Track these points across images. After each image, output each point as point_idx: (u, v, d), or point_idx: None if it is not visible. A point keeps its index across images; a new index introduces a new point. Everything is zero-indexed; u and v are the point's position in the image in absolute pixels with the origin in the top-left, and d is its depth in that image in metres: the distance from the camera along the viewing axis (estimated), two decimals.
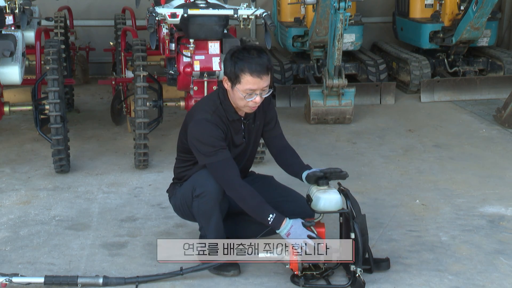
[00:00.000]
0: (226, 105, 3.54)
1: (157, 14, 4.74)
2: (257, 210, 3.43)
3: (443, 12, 7.90)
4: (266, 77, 3.41)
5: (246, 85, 3.39)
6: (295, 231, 3.37)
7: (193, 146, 3.51)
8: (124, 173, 5.29)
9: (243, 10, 4.85)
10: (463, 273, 3.64)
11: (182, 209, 3.72)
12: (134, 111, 5.26)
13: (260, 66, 3.37)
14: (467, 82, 7.64)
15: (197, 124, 3.48)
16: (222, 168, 3.44)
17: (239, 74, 3.39)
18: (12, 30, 5.68)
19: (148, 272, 3.63)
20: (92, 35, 8.67)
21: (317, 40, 7.28)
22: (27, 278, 3.50)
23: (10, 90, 6.15)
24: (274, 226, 3.40)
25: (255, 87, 3.40)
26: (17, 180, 5.13)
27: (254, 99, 3.43)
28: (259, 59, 3.38)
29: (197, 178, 3.54)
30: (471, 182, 5.06)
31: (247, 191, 3.44)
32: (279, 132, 3.77)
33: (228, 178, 3.45)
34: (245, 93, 3.41)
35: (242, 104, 3.47)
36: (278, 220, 3.39)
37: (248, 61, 3.38)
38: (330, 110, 6.63)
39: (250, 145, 3.71)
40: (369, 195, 4.76)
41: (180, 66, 5.01)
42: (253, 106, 3.48)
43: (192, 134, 3.51)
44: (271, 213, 3.39)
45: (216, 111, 3.51)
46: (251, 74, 3.37)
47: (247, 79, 3.38)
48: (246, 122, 3.62)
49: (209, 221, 3.55)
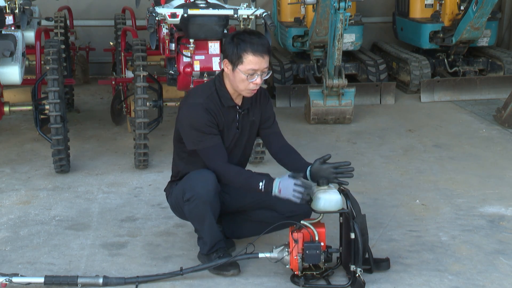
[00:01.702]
0: (221, 91, 3.56)
1: (157, 14, 4.74)
2: (247, 185, 3.48)
3: (443, 12, 7.90)
4: (267, 57, 3.47)
5: (248, 65, 3.43)
6: (284, 185, 3.39)
7: (183, 131, 3.56)
8: (124, 173, 5.29)
9: (243, 10, 4.85)
10: (463, 273, 3.64)
11: (177, 209, 3.73)
12: (134, 111, 5.26)
13: (262, 46, 3.44)
14: (467, 82, 7.64)
15: (188, 108, 3.53)
16: (210, 154, 3.49)
17: (242, 54, 3.43)
18: (12, 30, 5.68)
19: (148, 272, 3.63)
20: (92, 35, 8.67)
21: (317, 40, 7.28)
22: (27, 278, 3.50)
23: (10, 90, 6.14)
24: (267, 190, 3.42)
25: (257, 67, 3.43)
26: (17, 180, 5.13)
27: (255, 80, 3.45)
28: (260, 40, 3.46)
29: (187, 181, 3.55)
30: (471, 182, 5.06)
31: (233, 171, 3.50)
32: (277, 131, 3.77)
33: (214, 164, 3.49)
34: (247, 73, 3.43)
35: (243, 86, 3.48)
36: (268, 184, 3.42)
37: (250, 41, 3.44)
38: (330, 110, 6.63)
39: (244, 138, 3.69)
40: (369, 195, 4.76)
41: (180, 66, 5.01)
42: (253, 89, 3.49)
43: (183, 119, 3.55)
44: (260, 181, 3.43)
45: (209, 97, 3.54)
46: (254, 54, 3.42)
47: (250, 59, 3.42)
48: (241, 112, 3.63)
49: (202, 224, 3.56)
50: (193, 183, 3.50)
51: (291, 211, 3.60)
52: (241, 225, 3.81)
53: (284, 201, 3.57)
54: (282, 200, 3.55)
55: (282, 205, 3.61)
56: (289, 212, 3.60)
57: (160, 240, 4.05)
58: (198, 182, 3.48)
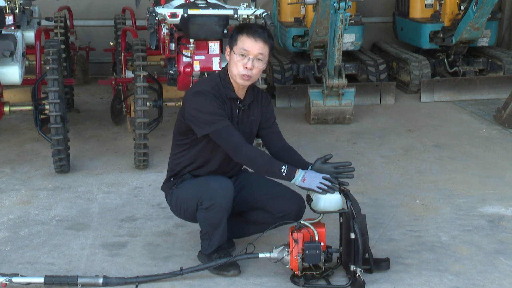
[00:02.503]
0: (225, 82, 3.58)
1: (157, 14, 4.74)
2: (268, 166, 3.47)
3: (443, 12, 7.91)
4: (262, 44, 3.48)
5: (240, 44, 3.48)
6: (310, 175, 3.41)
7: (193, 118, 3.51)
8: (124, 173, 5.29)
9: (243, 10, 4.85)
10: (463, 273, 3.64)
11: (180, 211, 3.70)
12: (134, 111, 5.26)
13: (258, 33, 3.50)
14: (467, 82, 7.64)
15: (196, 95, 3.53)
16: (226, 133, 3.47)
17: (237, 36, 3.51)
18: (12, 30, 5.68)
19: (148, 272, 3.63)
20: (92, 35, 8.67)
21: (317, 40, 7.28)
22: (27, 278, 3.50)
23: (10, 90, 6.15)
24: (289, 176, 3.43)
25: (249, 49, 3.47)
26: (17, 180, 5.13)
27: (247, 63, 3.47)
28: (259, 29, 3.53)
29: (203, 187, 3.52)
30: (471, 182, 5.06)
31: (255, 151, 3.50)
32: (277, 131, 3.78)
33: (234, 142, 3.47)
34: (239, 53, 3.48)
35: (236, 70, 3.51)
36: (291, 171, 3.43)
37: (249, 26, 3.55)
38: (330, 110, 6.63)
39: (244, 135, 3.68)
40: (369, 195, 4.76)
41: (180, 66, 5.01)
42: (243, 74, 3.49)
43: (191, 106, 3.52)
44: (283, 165, 3.44)
45: (215, 87, 3.56)
46: (247, 34, 3.48)
47: (243, 39, 3.49)
48: (242, 108, 3.63)
49: (216, 230, 3.55)
50: (212, 191, 3.46)
51: (282, 211, 3.60)
52: (238, 226, 3.81)
53: (274, 202, 3.58)
54: (272, 201, 3.56)
55: (272, 206, 3.62)
56: (280, 212, 3.60)
57: (160, 240, 4.05)
58: (219, 190, 3.46)
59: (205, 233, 3.62)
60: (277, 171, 3.44)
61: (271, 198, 3.64)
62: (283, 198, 3.63)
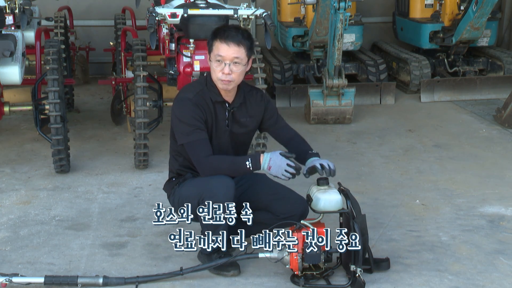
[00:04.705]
0: (210, 86, 3.61)
1: (157, 14, 4.75)
2: (233, 167, 3.49)
3: (443, 12, 7.91)
4: (236, 47, 3.48)
5: (216, 51, 3.50)
6: (274, 162, 3.42)
7: (174, 125, 3.60)
8: (124, 173, 5.29)
9: (243, 10, 4.86)
10: (463, 273, 3.64)
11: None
12: (134, 111, 5.26)
13: (231, 37, 3.48)
14: (467, 82, 7.64)
15: (178, 103, 3.57)
16: (197, 147, 3.50)
17: (212, 42, 3.53)
18: (12, 30, 5.67)
19: (148, 272, 3.63)
20: (92, 35, 8.67)
21: (317, 40, 7.28)
22: (27, 278, 3.50)
23: (10, 90, 6.14)
24: (255, 167, 3.44)
25: (223, 54, 3.47)
26: (17, 180, 5.13)
27: (223, 69, 3.48)
28: (232, 32, 3.50)
29: (205, 185, 3.51)
30: (471, 182, 5.06)
31: (216, 160, 3.51)
32: (283, 124, 3.81)
33: (199, 157, 3.50)
34: (215, 60, 3.49)
35: (215, 76, 3.53)
36: (256, 160, 3.45)
37: (223, 30, 3.53)
38: (330, 110, 6.63)
39: (236, 137, 3.69)
40: (369, 195, 4.76)
41: (180, 66, 5.01)
42: (222, 79, 3.50)
43: (173, 113, 3.59)
44: (246, 160, 3.46)
45: (200, 92, 3.58)
46: (220, 39, 3.49)
47: (217, 45, 3.50)
48: (230, 110, 3.63)
49: (216, 229, 3.55)
50: (213, 189, 3.46)
51: (287, 213, 3.58)
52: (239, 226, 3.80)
53: (279, 203, 3.57)
54: (276, 202, 3.55)
55: (277, 207, 3.61)
56: (284, 213, 3.59)
57: (160, 240, 4.05)
58: (220, 188, 3.45)
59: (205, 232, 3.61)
60: (243, 168, 3.47)
61: (275, 200, 3.64)
62: (287, 200, 3.63)
